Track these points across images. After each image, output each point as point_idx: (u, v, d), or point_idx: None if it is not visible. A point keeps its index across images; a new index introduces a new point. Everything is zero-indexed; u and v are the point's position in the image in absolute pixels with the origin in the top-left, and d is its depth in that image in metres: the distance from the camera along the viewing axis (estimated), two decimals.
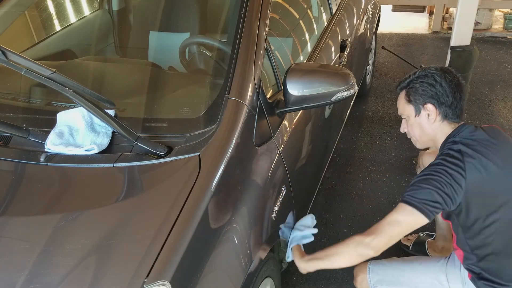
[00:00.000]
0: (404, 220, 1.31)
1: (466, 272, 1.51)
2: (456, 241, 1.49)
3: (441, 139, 1.45)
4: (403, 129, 1.55)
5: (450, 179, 1.30)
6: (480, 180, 1.32)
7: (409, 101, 1.46)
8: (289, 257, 1.57)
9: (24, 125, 1.35)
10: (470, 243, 1.42)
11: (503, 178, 1.35)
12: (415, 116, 1.46)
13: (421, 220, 1.29)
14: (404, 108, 1.49)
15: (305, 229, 1.59)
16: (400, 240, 2.23)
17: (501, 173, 1.34)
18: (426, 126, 1.45)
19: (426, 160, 1.91)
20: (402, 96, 1.49)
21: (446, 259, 1.59)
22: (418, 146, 1.55)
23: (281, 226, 1.54)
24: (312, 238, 1.59)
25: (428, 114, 1.43)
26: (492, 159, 1.34)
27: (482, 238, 1.39)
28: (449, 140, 1.41)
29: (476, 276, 1.45)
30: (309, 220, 1.64)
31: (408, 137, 1.56)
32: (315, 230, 1.60)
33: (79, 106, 1.32)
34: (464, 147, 1.34)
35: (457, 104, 1.41)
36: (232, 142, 1.30)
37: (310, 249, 2.26)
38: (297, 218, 1.70)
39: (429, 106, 1.42)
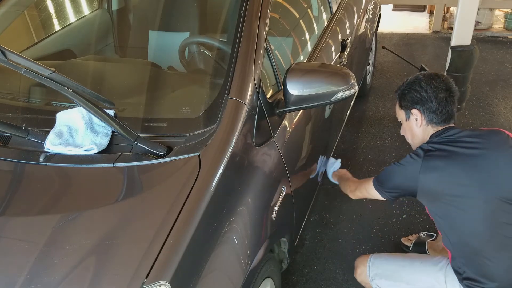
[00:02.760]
0: (370, 192, 1.67)
1: None
2: (442, 240, 1.53)
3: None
4: (402, 132, 1.69)
5: (406, 171, 1.48)
6: (439, 178, 1.41)
7: (401, 106, 1.60)
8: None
9: (24, 125, 1.35)
10: (451, 240, 1.46)
11: (476, 180, 1.37)
12: (406, 120, 1.60)
13: (380, 197, 1.63)
14: (398, 113, 1.64)
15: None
16: (401, 241, 2.24)
17: (473, 174, 1.38)
18: (415, 129, 1.57)
19: None
20: (397, 102, 1.63)
21: (447, 260, 1.59)
22: (414, 148, 1.61)
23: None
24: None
25: (416, 119, 1.54)
26: (463, 160, 1.38)
27: (457, 237, 1.44)
28: (427, 141, 1.51)
29: (460, 277, 1.48)
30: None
31: (407, 140, 1.68)
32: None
33: (78, 106, 1.32)
34: (431, 146, 1.45)
35: (442, 109, 1.49)
36: (232, 142, 1.30)
37: (311, 249, 2.26)
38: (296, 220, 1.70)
39: (415, 111, 1.53)
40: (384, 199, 1.63)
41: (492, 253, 1.40)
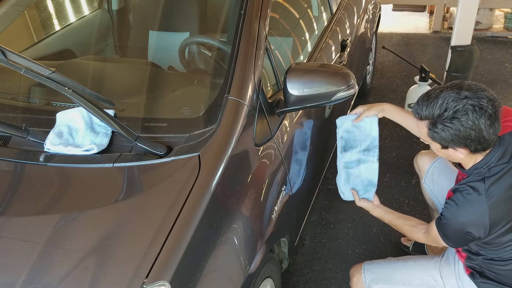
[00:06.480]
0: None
1: (461, 268, 1.52)
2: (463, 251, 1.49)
3: (469, 164, 1.35)
4: (424, 140, 1.39)
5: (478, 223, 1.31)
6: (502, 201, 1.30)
7: (434, 139, 1.30)
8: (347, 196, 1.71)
9: (24, 125, 1.35)
10: (488, 256, 1.41)
11: None
12: (441, 148, 1.33)
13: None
14: (428, 140, 1.34)
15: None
16: (400, 241, 2.24)
17: None
18: (453, 156, 1.35)
19: (422, 161, 1.89)
20: (423, 126, 1.31)
21: (440, 257, 1.61)
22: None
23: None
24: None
25: (456, 149, 1.30)
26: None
27: (496, 245, 1.37)
28: (476, 172, 1.33)
29: (478, 274, 1.46)
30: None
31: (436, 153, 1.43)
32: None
33: (78, 106, 1.32)
34: (488, 181, 1.30)
35: (490, 136, 1.25)
36: (232, 142, 1.30)
37: (311, 249, 2.26)
38: (297, 219, 1.70)
39: (460, 149, 1.28)
40: None
41: None
